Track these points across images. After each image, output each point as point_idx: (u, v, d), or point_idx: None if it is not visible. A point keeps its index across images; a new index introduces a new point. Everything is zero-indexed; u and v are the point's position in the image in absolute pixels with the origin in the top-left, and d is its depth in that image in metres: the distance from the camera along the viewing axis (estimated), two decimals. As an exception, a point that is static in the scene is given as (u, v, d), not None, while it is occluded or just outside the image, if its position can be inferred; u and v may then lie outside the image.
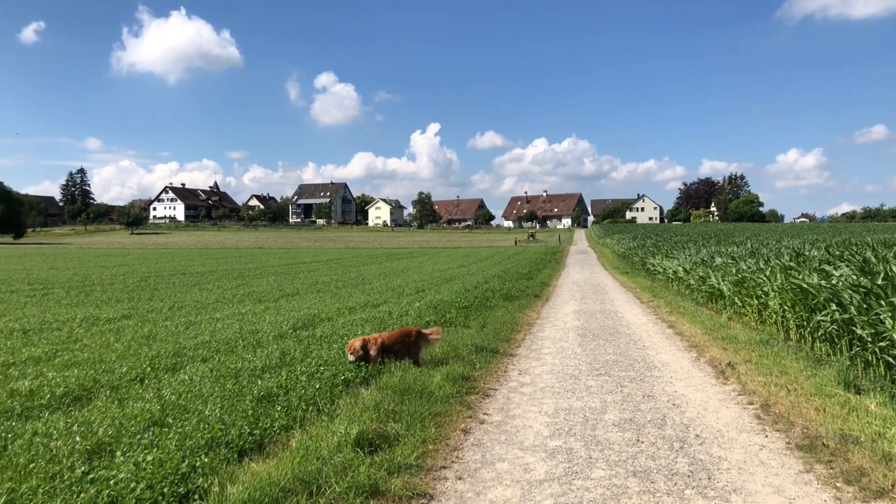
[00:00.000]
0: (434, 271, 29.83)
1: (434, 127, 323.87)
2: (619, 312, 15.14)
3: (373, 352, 8.05)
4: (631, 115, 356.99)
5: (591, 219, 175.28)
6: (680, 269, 20.06)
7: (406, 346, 8.32)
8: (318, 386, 6.85)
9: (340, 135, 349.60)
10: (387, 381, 7.24)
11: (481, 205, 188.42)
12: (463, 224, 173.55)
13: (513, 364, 9.27)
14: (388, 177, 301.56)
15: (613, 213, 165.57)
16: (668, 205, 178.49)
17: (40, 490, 4.13)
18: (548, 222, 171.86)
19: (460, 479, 4.96)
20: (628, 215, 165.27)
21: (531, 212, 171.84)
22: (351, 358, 7.93)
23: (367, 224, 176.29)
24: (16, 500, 3.99)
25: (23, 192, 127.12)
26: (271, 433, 5.50)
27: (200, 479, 4.40)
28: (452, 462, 5.30)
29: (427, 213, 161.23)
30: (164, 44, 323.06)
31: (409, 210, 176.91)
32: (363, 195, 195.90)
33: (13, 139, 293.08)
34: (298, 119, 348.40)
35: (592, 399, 7.32)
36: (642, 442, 5.79)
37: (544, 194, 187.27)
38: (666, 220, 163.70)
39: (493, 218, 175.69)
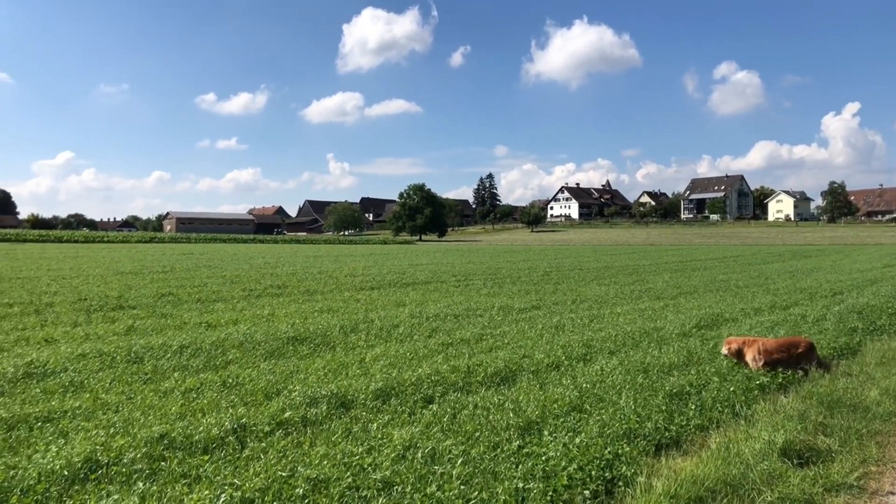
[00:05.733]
0: (852, 271, 26.12)
1: (852, 107, 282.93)
2: None
3: (749, 355, 7.64)
4: None
5: None
6: None
7: (791, 357, 7.54)
8: (731, 388, 6.60)
9: (739, 125, 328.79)
10: (810, 390, 6.64)
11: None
12: (888, 217, 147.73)
13: (976, 385, 7.61)
14: (792, 166, 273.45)
15: None
16: None
17: (486, 456, 4.74)
18: None
19: (916, 512, 4.25)
20: None
21: None
22: (724, 353, 7.85)
23: (765, 219, 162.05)
24: (468, 462, 4.64)
25: (445, 196, 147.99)
26: (687, 431, 5.46)
27: (624, 468, 4.57)
28: (903, 490, 4.58)
29: (840, 204, 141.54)
30: (567, 51, 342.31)
31: (817, 202, 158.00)
32: (761, 187, 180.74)
33: (437, 152, 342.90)
34: (694, 112, 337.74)
35: None
36: None
37: None
38: None
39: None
